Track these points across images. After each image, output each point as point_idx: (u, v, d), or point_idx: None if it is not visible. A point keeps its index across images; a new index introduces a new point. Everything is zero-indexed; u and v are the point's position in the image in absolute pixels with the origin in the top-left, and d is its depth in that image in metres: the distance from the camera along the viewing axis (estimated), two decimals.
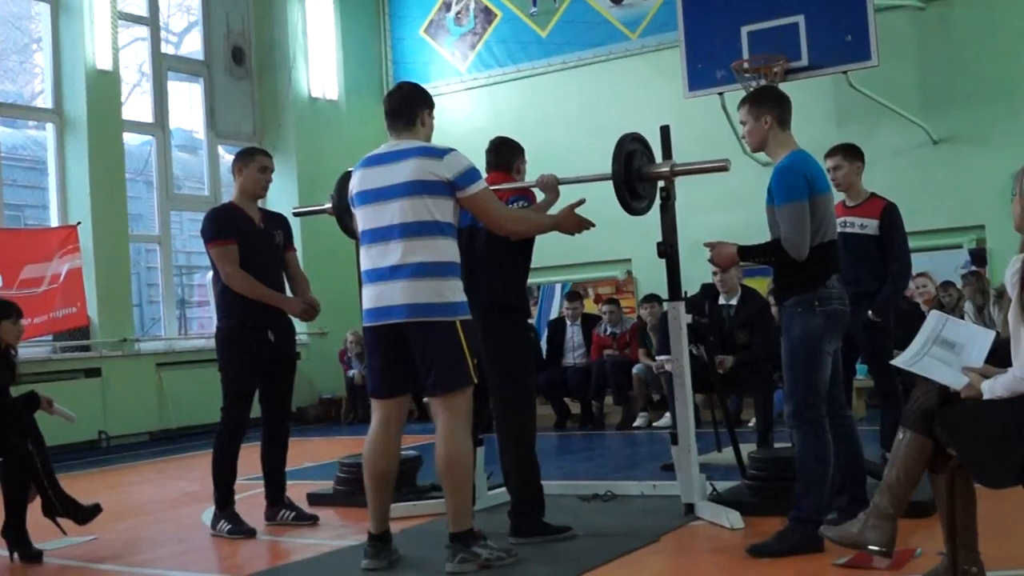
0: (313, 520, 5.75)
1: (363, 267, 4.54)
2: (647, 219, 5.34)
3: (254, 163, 5.71)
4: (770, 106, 4.56)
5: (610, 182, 5.04)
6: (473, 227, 4.96)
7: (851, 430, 4.67)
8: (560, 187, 5.18)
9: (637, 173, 5.13)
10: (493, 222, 4.63)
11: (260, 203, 5.86)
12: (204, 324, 12.89)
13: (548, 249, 11.63)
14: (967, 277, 9.72)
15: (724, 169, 5.15)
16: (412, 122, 4.56)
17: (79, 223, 10.64)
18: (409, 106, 4.58)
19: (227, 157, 13.01)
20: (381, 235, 4.44)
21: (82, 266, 10.52)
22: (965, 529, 3.55)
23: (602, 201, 4.98)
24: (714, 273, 7.41)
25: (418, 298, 4.35)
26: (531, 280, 5.98)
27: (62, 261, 10.38)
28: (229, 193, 12.38)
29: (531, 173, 5.46)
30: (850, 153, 6.19)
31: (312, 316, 5.81)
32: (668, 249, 5.26)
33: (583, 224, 4.82)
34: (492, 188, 4.78)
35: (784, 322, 4.53)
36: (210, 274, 5.94)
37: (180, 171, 12.65)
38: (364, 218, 4.54)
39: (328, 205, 6.15)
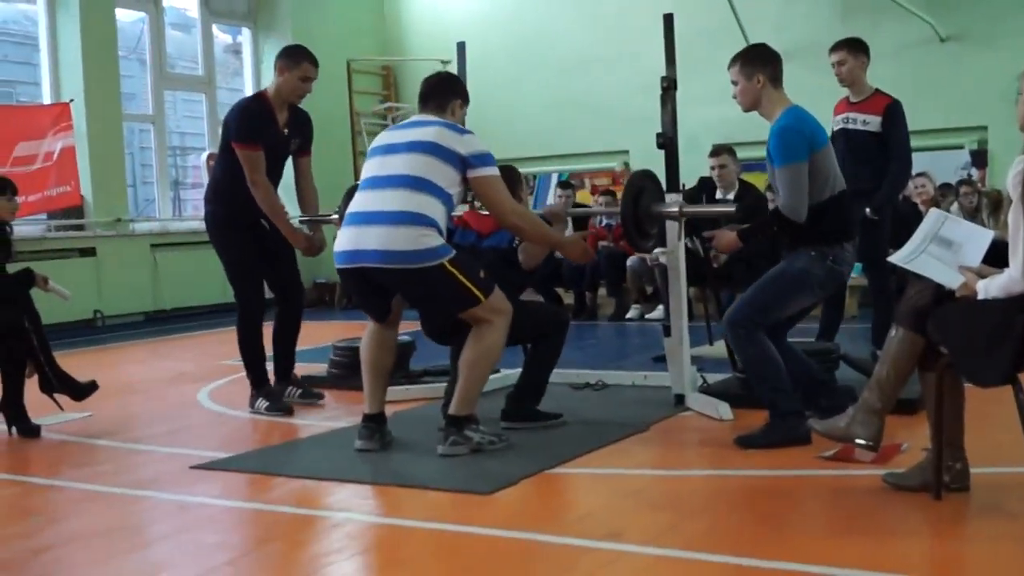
0: (319, 397, 5.83)
1: (348, 209, 4.51)
2: (646, 110, 5.30)
3: (298, 70, 5.49)
4: (762, 64, 4.51)
5: (608, 67, 4.99)
6: (475, 246, 4.98)
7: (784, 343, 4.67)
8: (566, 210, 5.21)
9: (645, 211, 5.09)
10: (498, 210, 4.53)
11: None
12: (198, 206, 12.74)
13: (545, 139, 11.63)
14: (958, 185, 9.63)
15: (732, 214, 5.15)
16: (443, 108, 4.61)
17: (72, 100, 10.51)
18: (443, 93, 4.64)
19: (220, 36, 12.80)
20: (379, 182, 4.41)
21: (75, 144, 10.42)
22: (951, 426, 3.58)
23: (601, 91, 4.92)
24: (712, 168, 7.34)
25: (394, 245, 4.25)
26: (527, 170, 5.94)
27: (55, 139, 10.28)
28: (223, 74, 12.30)
29: (529, 66, 5.38)
30: (854, 47, 6.10)
31: (315, 254, 5.84)
32: (667, 140, 5.22)
33: (587, 256, 4.93)
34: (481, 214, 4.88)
35: (791, 255, 4.51)
36: (205, 155, 5.87)
37: (173, 50, 12.43)
38: (369, 168, 4.52)
39: (335, 216, 5.85)
